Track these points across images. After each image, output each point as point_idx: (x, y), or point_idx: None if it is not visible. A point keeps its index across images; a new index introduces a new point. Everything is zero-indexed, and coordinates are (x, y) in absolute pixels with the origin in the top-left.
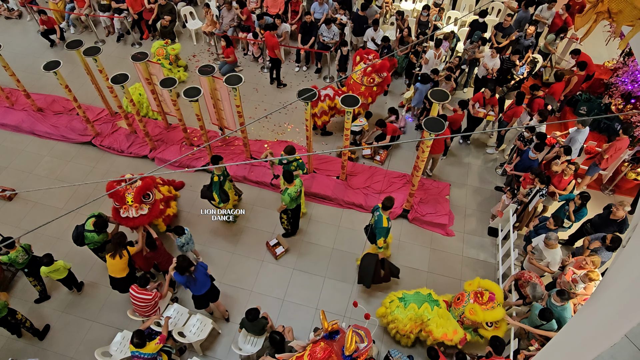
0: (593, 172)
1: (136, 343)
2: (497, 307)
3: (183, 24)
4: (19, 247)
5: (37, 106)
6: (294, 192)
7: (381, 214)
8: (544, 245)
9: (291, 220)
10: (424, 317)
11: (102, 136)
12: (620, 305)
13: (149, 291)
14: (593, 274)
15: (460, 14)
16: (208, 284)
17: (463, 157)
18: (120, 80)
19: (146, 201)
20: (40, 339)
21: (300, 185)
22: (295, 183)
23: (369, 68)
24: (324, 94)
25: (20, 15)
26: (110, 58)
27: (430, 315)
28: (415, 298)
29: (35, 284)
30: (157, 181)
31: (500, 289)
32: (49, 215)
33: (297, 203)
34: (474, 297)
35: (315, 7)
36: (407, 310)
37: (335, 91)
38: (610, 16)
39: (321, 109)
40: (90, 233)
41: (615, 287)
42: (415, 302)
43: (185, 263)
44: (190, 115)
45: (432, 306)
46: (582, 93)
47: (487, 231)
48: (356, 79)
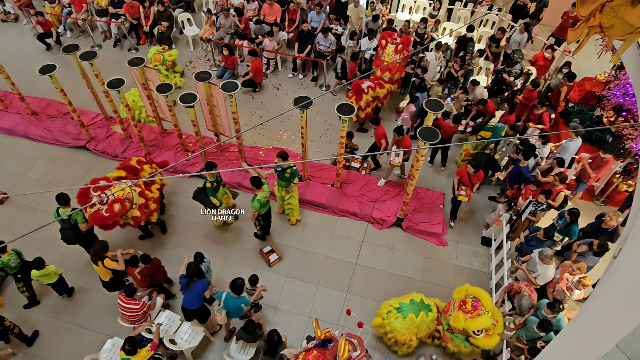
0: (582, 188)
1: (127, 350)
2: (483, 315)
3: (180, 30)
4: (11, 250)
5: (32, 109)
6: (263, 197)
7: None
8: (539, 259)
9: (262, 223)
10: (421, 325)
11: (96, 140)
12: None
13: (137, 301)
14: (585, 279)
15: (456, 26)
16: (197, 304)
17: (456, 167)
18: (116, 85)
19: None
20: (29, 345)
21: (268, 191)
22: (263, 189)
23: (399, 46)
24: (366, 86)
25: (16, 19)
26: (106, 63)
27: (426, 322)
28: (412, 308)
29: (23, 290)
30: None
31: (488, 296)
32: (40, 219)
33: (266, 208)
34: (458, 306)
35: (312, 16)
36: (405, 321)
37: (374, 82)
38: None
39: (366, 101)
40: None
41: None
42: (413, 312)
43: (193, 271)
44: (186, 121)
45: (426, 312)
46: (575, 105)
47: (481, 240)
48: (389, 59)
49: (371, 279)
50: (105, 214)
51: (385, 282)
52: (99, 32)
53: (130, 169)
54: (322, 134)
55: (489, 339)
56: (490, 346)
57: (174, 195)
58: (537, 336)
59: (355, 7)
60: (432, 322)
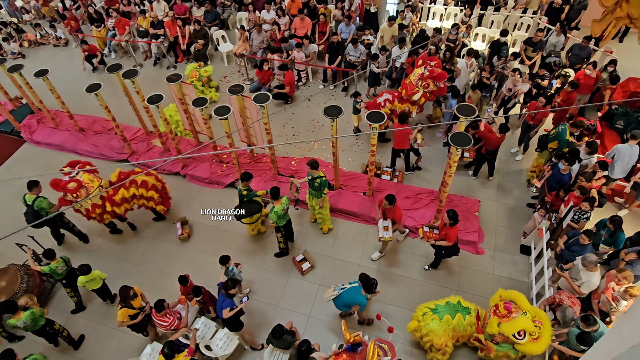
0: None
1: (166, 354)
2: (520, 316)
3: (215, 47)
4: (59, 258)
5: (79, 126)
6: (281, 209)
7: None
8: (582, 266)
9: (284, 234)
10: (457, 327)
11: (137, 154)
12: None
13: (166, 317)
14: (633, 289)
15: (488, 31)
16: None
17: (504, 176)
18: (156, 101)
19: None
20: (75, 349)
21: (286, 203)
22: (281, 201)
23: (426, 72)
24: (384, 99)
25: (66, 43)
26: (147, 81)
27: (463, 325)
28: (448, 309)
29: (72, 295)
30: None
31: (524, 297)
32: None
33: (286, 220)
34: (492, 312)
35: (342, 27)
36: (442, 322)
37: (392, 95)
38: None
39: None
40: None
41: None
42: (449, 313)
43: (227, 282)
44: (220, 133)
45: (464, 315)
46: (619, 107)
47: (519, 249)
48: (412, 80)
49: (405, 287)
50: (60, 183)
51: (420, 291)
52: (140, 52)
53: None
54: (353, 142)
55: (535, 344)
56: (539, 351)
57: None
58: (579, 349)
59: (390, 27)
60: (469, 326)
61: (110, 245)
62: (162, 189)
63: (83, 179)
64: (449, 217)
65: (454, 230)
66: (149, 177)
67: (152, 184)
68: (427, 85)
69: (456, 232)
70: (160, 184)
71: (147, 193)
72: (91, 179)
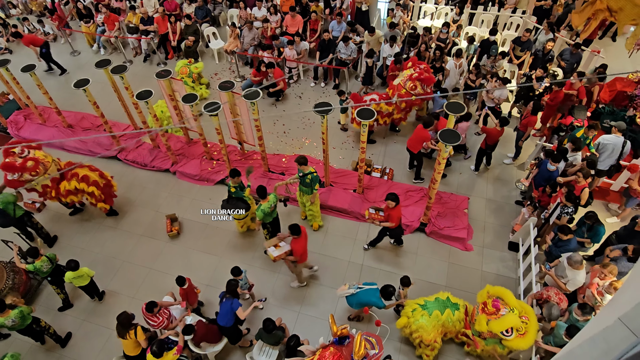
0: (631, 204)
1: (154, 352)
2: (508, 314)
3: (206, 44)
4: (44, 256)
5: (67, 123)
6: (268, 207)
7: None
8: (567, 264)
9: (270, 230)
10: (446, 322)
11: (126, 151)
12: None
13: (155, 317)
14: (618, 283)
15: (478, 30)
16: (226, 321)
17: (481, 170)
18: (145, 97)
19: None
20: (62, 346)
21: (274, 201)
22: (268, 199)
23: (414, 74)
24: (369, 99)
25: (55, 39)
26: (137, 77)
27: (452, 320)
28: (437, 305)
29: (58, 292)
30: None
31: (511, 294)
32: (71, 225)
33: (272, 217)
34: (481, 309)
35: (333, 25)
36: (431, 318)
37: (379, 95)
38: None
39: None
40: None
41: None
42: (438, 309)
43: (229, 287)
44: (211, 131)
45: (453, 310)
46: (605, 106)
47: (508, 246)
48: (401, 81)
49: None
50: (16, 164)
51: (409, 287)
52: (130, 49)
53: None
54: (343, 140)
55: (522, 339)
56: (526, 346)
57: (197, 202)
58: (564, 343)
59: (371, 36)
60: (457, 322)
61: (98, 242)
62: (106, 186)
63: (38, 156)
64: (391, 199)
65: (396, 211)
66: (92, 172)
67: (93, 180)
68: (414, 87)
69: (399, 214)
70: (104, 181)
71: (88, 188)
72: (44, 154)
